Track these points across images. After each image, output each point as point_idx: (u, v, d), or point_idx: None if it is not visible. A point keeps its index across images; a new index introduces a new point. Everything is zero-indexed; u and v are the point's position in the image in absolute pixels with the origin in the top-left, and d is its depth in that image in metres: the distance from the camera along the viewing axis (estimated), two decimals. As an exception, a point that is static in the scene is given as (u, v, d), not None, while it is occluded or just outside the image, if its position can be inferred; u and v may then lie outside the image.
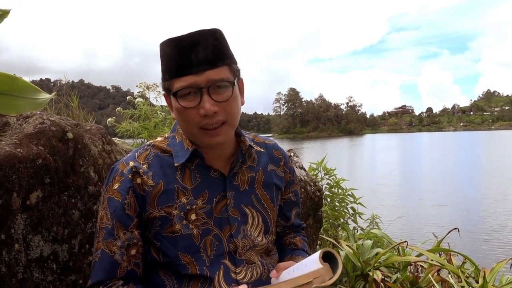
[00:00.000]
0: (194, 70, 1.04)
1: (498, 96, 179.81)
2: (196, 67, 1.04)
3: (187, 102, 1.06)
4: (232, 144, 1.20)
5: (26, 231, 1.30)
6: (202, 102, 1.05)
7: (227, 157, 1.19)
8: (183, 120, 1.10)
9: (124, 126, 3.25)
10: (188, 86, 1.05)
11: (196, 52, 1.05)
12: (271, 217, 1.24)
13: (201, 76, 1.04)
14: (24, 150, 1.33)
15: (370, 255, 2.75)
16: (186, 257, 1.10)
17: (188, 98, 1.06)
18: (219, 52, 1.08)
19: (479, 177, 18.94)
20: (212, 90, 1.06)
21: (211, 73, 1.05)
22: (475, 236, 8.92)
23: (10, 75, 0.70)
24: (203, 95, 1.05)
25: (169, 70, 1.08)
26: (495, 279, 2.47)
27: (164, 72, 1.10)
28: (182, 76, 1.05)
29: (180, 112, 1.09)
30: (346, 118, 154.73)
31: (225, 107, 1.08)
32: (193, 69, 1.04)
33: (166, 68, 1.09)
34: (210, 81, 1.05)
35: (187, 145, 1.14)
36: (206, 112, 1.05)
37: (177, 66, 1.06)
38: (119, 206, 1.09)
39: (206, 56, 1.05)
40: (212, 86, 1.06)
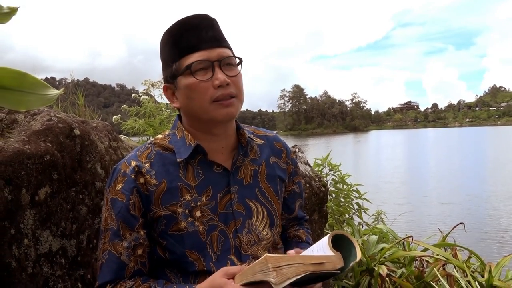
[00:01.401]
0: (206, 46, 1.10)
1: (504, 92, 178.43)
2: (208, 43, 1.10)
3: (201, 76, 1.10)
4: (233, 136, 1.20)
5: (35, 226, 1.32)
6: (215, 74, 1.09)
7: (229, 151, 1.19)
8: (194, 97, 1.11)
9: (129, 123, 3.27)
10: (202, 59, 1.09)
11: (206, 30, 1.11)
12: (276, 209, 1.24)
13: (212, 52, 1.10)
14: (32, 146, 1.34)
15: (375, 250, 2.76)
16: (193, 254, 1.10)
17: (200, 73, 1.10)
18: (223, 36, 1.15)
19: (485, 174, 18.84)
20: (223, 66, 1.11)
21: (221, 51, 1.12)
22: (481, 232, 8.89)
23: (20, 72, 0.71)
24: (215, 68, 1.09)
25: (179, 49, 1.11)
26: (500, 274, 2.47)
27: (172, 54, 1.13)
28: (194, 52, 1.09)
29: (193, 88, 1.10)
30: (351, 114, 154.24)
31: (234, 82, 1.12)
32: (205, 45, 1.10)
33: (176, 48, 1.12)
34: (221, 56, 1.11)
35: (189, 141, 1.14)
36: (221, 82, 1.08)
37: (189, 43, 1.10)
38: (124, 207, 1.09)
39: (215, 35, 1.12)
40: (222, 61, 1.11)
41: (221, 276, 0.99)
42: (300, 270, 0.91)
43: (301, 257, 0.95)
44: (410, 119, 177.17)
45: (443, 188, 15.06)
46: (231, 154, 1.19)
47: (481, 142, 48.23)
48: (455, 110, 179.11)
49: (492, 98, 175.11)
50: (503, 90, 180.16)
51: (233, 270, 0.99)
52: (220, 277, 0.99)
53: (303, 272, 0.91)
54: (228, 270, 1.00)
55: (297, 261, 0.92)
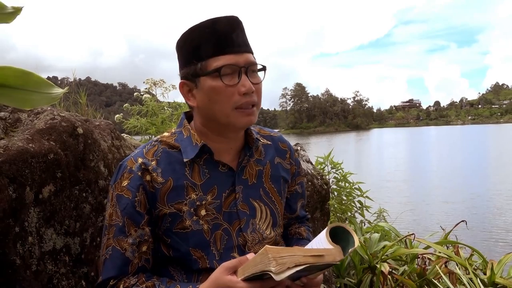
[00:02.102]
0: (236, 50, 1.08)
1: (506, 89, 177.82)
2: (237, 47, 1.08)
3: (228, 80, 1.08)
4: (242, 137, 1.21)
5: (39, 224, 1.33)
6: (242, 80, 1.07)
7: (235, 152, 1.19)
8: (217, 100, 1.09)
9: (131, 122, 3.28)
10: (231, 64, 1.07)
11: (236, 33, 1.09)
12: (279, 210, 1.25)
13: (241, 57, 1.08)
14: (36, 145, 1.35)
15: (377, 248, 2.76)
16: (197, 252, 1.11)
17: (227, 77, 1.08)
18: (247, 39, 1.14)
19: (488, 172, 18.77)
20: (249, 72, 1.10)
21: (248, 56, 1.10)
22: (484, 231, 8.87)
23: (25, 71, 0.72)
24: (242, 74, 1.08)
25: (207, 48, 1.08)
26: (503, 271, 2.47)
27: (198, 52, 1.10)
28: (222, 54, 1.07)
29: (218, 92, 1.08)
30: (353, 112, 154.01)
31: (257, 90, 1.12)
32: (234, 49, 1.08)
33: (203, 48, 1.09)
34: (248, 63, 1.09)
35: (195, 140, 1.14)
36: (247, 90, 1.07)
37: (219, 44, 1.08)
38: (130, 204, 1.09)
39: (243, 39, 1.11)
40: (249, 68, 1.10)
41: (223, 272, 0.98)
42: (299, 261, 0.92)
43: (300, 249, 0.96)
44: (412, 117, 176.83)
45: (446, 187, 15.01)
46: (237, 154, 1.20)
47: (484, 140, 48.10)
48: (458, 108, 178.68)
49: (494, 96, 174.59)
50: (505, 87, 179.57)
51: (232, 264, 0.98)
52: (222, 274, 0.97)
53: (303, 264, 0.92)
54: (228, 265, 0.99)
55: (296, 253, 0.93)
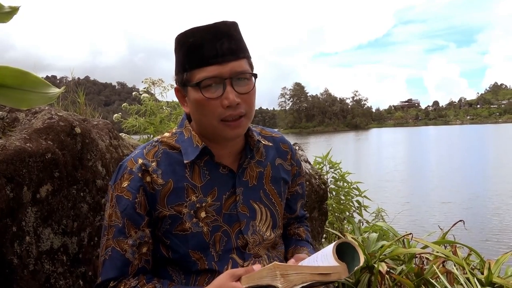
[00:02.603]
0: (219, 60, 1.04)
1: (505, 89, 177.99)
2: (221, 57, 1.04)
3: (210, 93, 1.05)
4: (241, 140, 1.19)
5: (36, 223, 1.33)
6: (225, 93, 1.05)
7: (236, 153, 1.19)
8: (203, 113, 1.08)
9: (130, 121, 3.27)
10: (212, 77, 1.04)
11: (221, 42, 1.05)
12: (279, 211, 1.25)
13: (225, 67, 1.04)
14: (34, 144, 1.35)
15: (375, 247, 2.77)
16: (196, 254, 1.11)
17: (210, 89, 1.05)
18: (240, 44, 1.09)
19: (486, 172, 18.78)
20: (234, 82, 1.06)
21: (235, 65, 1.06)
22: (482, 231, 8.88)
23: (22, 70, 0.72)
24: (227, 86, 1.05)
25: (191, 59, 1.06)
26: (500, 271, 2.48)
27: (184, 63, 1.08)
28: (206, 66, 1.05)
29: (201, 104, 1.07)
30: (352, 112, 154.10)
31: (246, 100, 1.08)
32: (217, 59, 1.04)
33: (187, 58, 1.07)
34: (233, 73, 1.05)
35: (196, 142, 1.13)
36: (230, 103, 1.04)
37: (201, 55, 1.05)
38: (130, 205, 1.08)
39: (230, 47, 1.05)
40: (235, 77, 1.06)
41: (228, 279, 0.99)
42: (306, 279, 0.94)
43: (308, 267, 0.98)
44: (411, 116, 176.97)
45: (444, 187, 15.00)
46: (237, 156, 1.19)
47: (482, 140, 48.17)
48: (456, 108, 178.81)
49: (493, 96, 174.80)
50: (504, 87, 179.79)
51: (239, 272, 1.00)
52: (228, 280, 0.99)
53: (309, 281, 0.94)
54: (234, 273, 1.00)
55: (304, 271, 0.95)
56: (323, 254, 1.02)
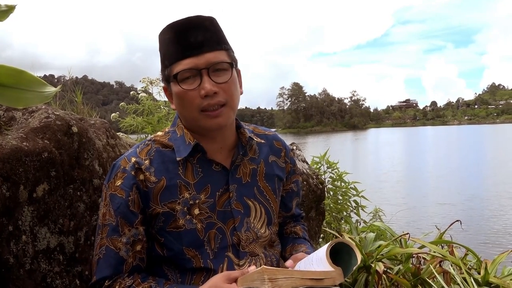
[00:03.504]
0: (194, 53, 1.06)
1: (503, 89, 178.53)
2: (196, 49, 1.06)
3: (188, 85, 1.08)
4: (233, 136, 1.20)
5: (33, 223, 1.33)
6: (202, 83, 1.07)
7: (228, 150, 1.19)
8: (184, 105, 1.11)
9: (127, 121, 3.27)
10: (188, 69, 1.06)
11: (195, 35, 1.07)
12: (274, 208, 1.25)
13: (200, 59, 1.07)
14: (30, 144, 1.35)
15: (372, 247, 2.77)
16: (191, 251, 1.11)
17: (188, 81, 1.08)
18: (216, 36, 1.10)
19: (484, 173, 18.81)
20: (211, 72, 1.08)
21: (210, 56, 1.07)
22: (478, 231, 8.90)
23: (17, 69, 0.72)
24: (203, 76, 1.07)
25: (169, 55, 1.09)
26: (496, 271, 2.48)
27: (163, 59, 1.12)
28: (182, 60, 1.07)
29: (181, 96, 1.09)
30: (350, 112, 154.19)
31: (224, 89, 1.09)
32: (192, 52, 1.06)
33: (165, 55, 1.10)
34: (209, 63, 1.07)
35: (188, 139, 1.14)
36: (207, 92, 1.06)
37: (177, 50, 1.07)
38: (123, 203, 1.09)
39: (204, 39, 1.08)
40: (211, 68, 1.07)
41: (224, 281, 1.00)
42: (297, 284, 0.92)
43: (299, 272, 0.96)
44: (409, 117, 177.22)
45: (441, 188, 15.01)
46: (230, 153, 1.20)
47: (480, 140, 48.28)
48: (454, 108, 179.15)
49: (491, 96, 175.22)
50: (502, 88, 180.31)
51: (234, 275, 1.00)
52: (223, 283, 0.99)
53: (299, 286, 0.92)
54: (230, 275, 1.01)
55: (294, 275, 0.93)
56: (318, 258, 1.00)
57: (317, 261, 1.00)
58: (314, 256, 1.02)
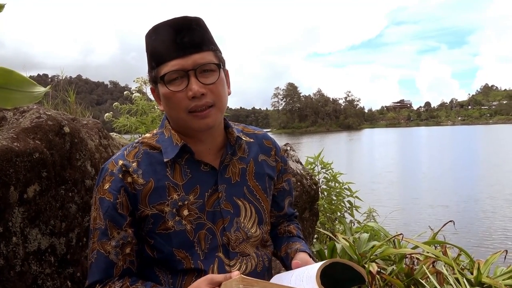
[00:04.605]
0: (181, 54, 1.05)
1: (496, 90, 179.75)
2: (182, 50, 1.06)
3: (175, 86, 1.07)
4: (221, 136, 1.19)
5: (23, 224, 1.31)
6: (189, 84, 1.06)
7: (216, 150, 1.18)
8: (171, 106, 1.10)
9: (121, 121, 3.26)
10: (175, 70, 1.05)
11: (181, 36, 1.06)
12: (265, 207, 1.24)
13: (187, 60, 1.06)
14: (21, 144, 1.34)
15: (366, 248, 2.78)
16: (181, 252, 1.10)
17: (175, 82, 1.07)
18: (203, 37, 1.10)
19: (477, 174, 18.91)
20: (199, 74, 1.07)
21: (197, 57, 1.07)
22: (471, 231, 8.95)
23: (6, 69, 0.71)
24: (190, 78, 1.06)
25: (155, 56, 1.08)
26: (489, 271, 2.50)
27: (150, 60, 1.11)
28: (168, 61, 1.06)
29: (168, 98, 1.09)
30: (345, 112, 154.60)
31: (212, 90, 1.08)
32: (179, 53, 1.05)
33: (152, 56, 1.10)
34: (196, 64, 1.06)
35: (176, 140, 1.13)
36: (194, 94, 1.05)
37: (163, 51, 1.07)
38: (111, 206, 1.08)
39: (191, 40, 1.07)
40: (198, 69, 1.06)
41: (207, 284, 0.98)
42: None
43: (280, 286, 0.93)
44: (403, 117, 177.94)
45: (435, 189, 15.05)
46: (219, 153, 1.19)
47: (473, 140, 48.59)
48: (448, 109, 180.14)
49: (484, 97, 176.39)
50: (495, 89, 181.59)
51: (218, 279, 0.99)
52: (205, 285, 0.98)
53: None
54: (213, 279, 0.99)
55: None
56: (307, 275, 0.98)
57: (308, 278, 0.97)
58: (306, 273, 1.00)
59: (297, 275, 1.03)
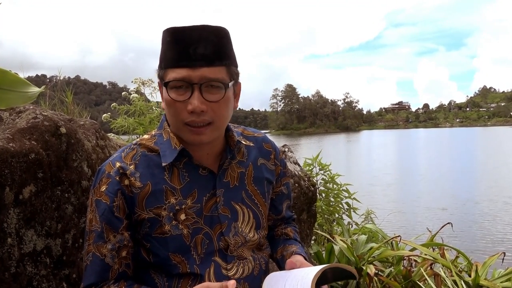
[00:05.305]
0: (190, 64, 1.02)
1: (494, 92, 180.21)
2: (193, 61, 1.02)
3: (177, 95, 1.04)
4: (220, 142, 1.18)
5: (19, 225, 1.30)
6: (191, 98, 1.03)
7: (215, 154, 1.17)
8: (170, 113, 1.08)
9: (119, 122, 3.24)
10: (180, 79, 1.03)
11: (195, 47, 1.02)
12: (263, 212, 1.23)
13: (196, 72, 1.02)
14: (17, 144, 1.33)
15: (364, 249, 2.77)
16: (177, 256, 1.09)
17: (179, 91, 1.04)
18: (219, 52, 1.05)
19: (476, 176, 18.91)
20: (204, 88, 1.03)
21: (207, 71, 1.03)
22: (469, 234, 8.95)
23: (0, 69, 0.70)
24: (194, 91, 1.03)
25: (165, 59, 1.06)
26: (487, 273, 2.49)
27: (161, 60, 1.09)
28: (176, 68, 1.03)
29: (169, 104, 1.07)
30: (343, 114, 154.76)
31: (214, 108, 1.05)
32: (189, 63, 1.02)
33: (163, 57, 1.07)
34: (203, 79, 1.02)
35: (174, 144, 1.11)
36: (194, 109, 1.02)
37: (174, 56, 1.04)
38: (108, 209, 1.07)
39: (205, 53, 1.03)
40: (204, 84, 1.03)
41: None
42: None
43: None
44: (401, 119, 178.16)
45: (433, 191, 15.05)
46: (218, 157, 1.17)
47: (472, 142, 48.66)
48: (446, 111, 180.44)
49: (482, 99, 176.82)
50: (493, 91, 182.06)
51: (213, 286, 0.99)
52: None
53: None
54: (209, 287, 0.99)
55: None
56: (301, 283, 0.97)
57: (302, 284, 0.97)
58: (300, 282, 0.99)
59: (291, 283, 1.02)
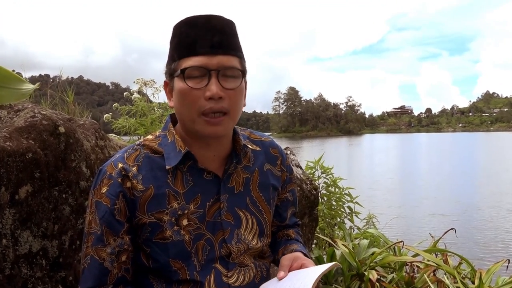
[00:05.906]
0: (208, 51, 1.01)
1: (497, 98, 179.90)
2: (210, 48, 1.01)
3: (194, 83, 1.02)
4: (228, 144, 1.15)
5: (14, 226, 1.28)
6: (209, 84, 1.01)
7: (221, 158, 1.13)
8: (184, 103, 1.04)
9: (120, 122, 3.22)
10: (198, 66, 1.01)
11: (212, 34, 1.02)
12: (267, 219, 1.20)
13: (213, 59, 1.01)
14: (14, 143, 1.30)
15: (366, 254, 2.73)
16: (177, 263, 1.06)
17: (195, 80, 1.02)
18: (233, 42, 1.06)
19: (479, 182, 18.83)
20: (221, 76, 1.02)
21: (223, 59, 1.02)
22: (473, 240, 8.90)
23: (-8, 65, 0.68)
24: (212, 78, 1.01)
25: (181, 48, 1.04)
26: (491, 280, 2.45)
27: (174, 51, 1.06)
28: (193, 56, 1.02)
29: (183, 94, 1.03)
30: (345, 117, 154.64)
31: (230, 96, 1.04)
32: (206, 50, 1.01)
33: (176, 47, 1.05)
34: (221, 66, 1.02)
35: (179, 146, 1.08)
36: (212, 95, 1.00)
37: (190, 44, 1.02)
38: (108, 212, 1.04)
39: (221, 41, 1.03)
40: (222, 71, 1.02)
41: None
42: None
43: None
44: (404, 123, 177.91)
45: (435, 197, 14.98)
46: (223, 161, 1.14)
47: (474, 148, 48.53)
48: (449, 115, 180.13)
49: (485, 104, 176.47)
50: (496, 96, 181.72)
51: None
52: None
53: None
54: None
55: None
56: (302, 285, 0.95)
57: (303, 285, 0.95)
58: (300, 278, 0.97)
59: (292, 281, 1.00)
